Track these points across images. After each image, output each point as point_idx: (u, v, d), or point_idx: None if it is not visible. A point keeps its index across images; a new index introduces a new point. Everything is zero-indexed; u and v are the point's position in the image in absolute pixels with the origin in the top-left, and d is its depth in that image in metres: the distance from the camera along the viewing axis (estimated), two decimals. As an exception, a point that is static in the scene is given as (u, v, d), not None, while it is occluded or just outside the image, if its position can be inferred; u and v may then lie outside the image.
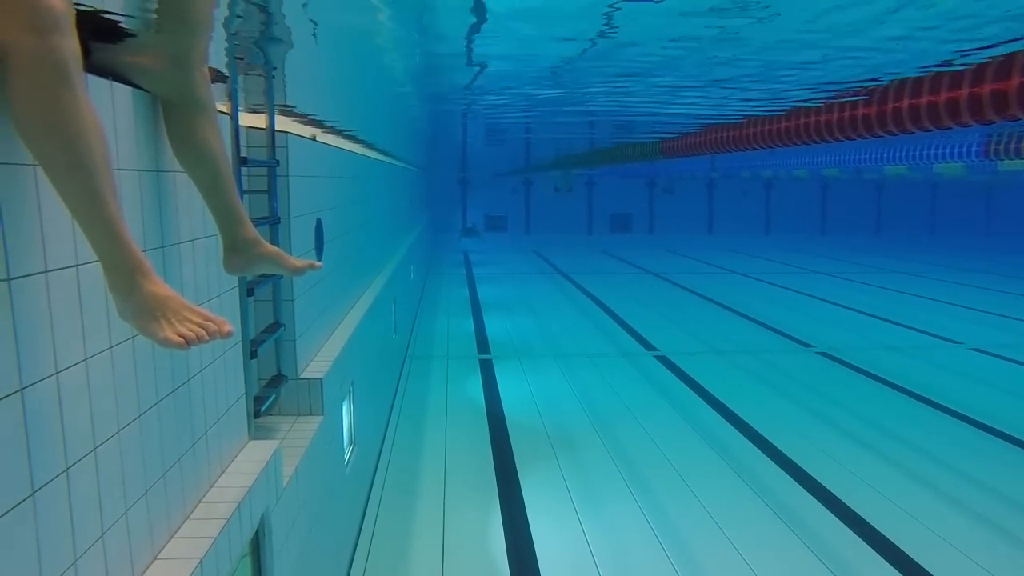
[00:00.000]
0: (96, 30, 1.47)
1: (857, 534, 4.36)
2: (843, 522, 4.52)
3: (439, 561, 4.01)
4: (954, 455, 5.69)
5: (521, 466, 5.37)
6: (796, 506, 4.74)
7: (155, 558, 1.65)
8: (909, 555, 4.10)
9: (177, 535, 1.77)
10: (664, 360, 8.69)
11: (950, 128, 4.75)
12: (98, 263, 1.26)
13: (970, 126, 4.68)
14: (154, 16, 1.66)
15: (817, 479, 5.17)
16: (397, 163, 10.14)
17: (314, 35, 3.18)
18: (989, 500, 4.89)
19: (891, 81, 5.12)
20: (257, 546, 2.24)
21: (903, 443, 5.94)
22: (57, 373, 1.26)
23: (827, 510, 4.69)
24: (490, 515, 4.58)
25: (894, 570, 3.95)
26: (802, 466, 5.40)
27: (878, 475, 5.26)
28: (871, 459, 5.59)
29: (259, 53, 2.91)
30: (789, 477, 5.22)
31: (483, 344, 9.58)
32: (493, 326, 10.70)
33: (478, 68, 5.12)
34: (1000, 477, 5.27)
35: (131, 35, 1.59)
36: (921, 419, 6.63)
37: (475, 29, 3.74)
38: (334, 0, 2.94)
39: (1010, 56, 3.99)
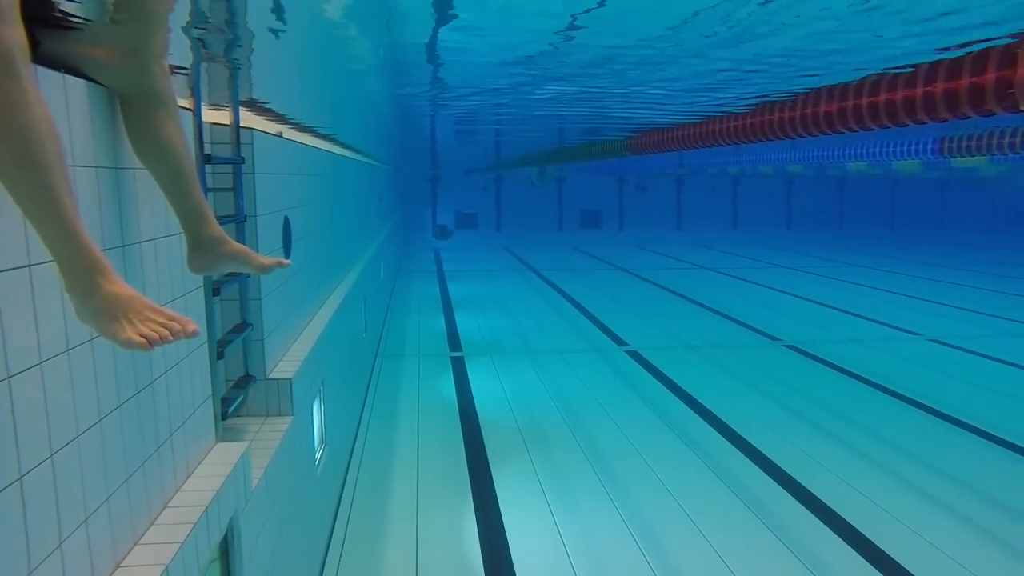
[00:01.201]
0: (44, 19, 1.41)
1: (825, 523, 4.46)
2: (811, 511, 4.61)
3: (413, 559, 3.99)
4: (915, 444, 5.85)
5: (494, 463, 5.37)
6: (765, 497, 4.82)
7: (118, 566, 1.60)
8: (877, 544, 4.20)
9: (142, 541, 1.72)
10: (635, 355, 8.77)
11: (906, 125, 4.87)
12: (53, 263, 1.21)
13: (925, 123, 4.81)
14: (110, 5, 1.60)
15: (785, 470, 5.27)
16: (366, 160, 10.04)
17: (278, 27, 3.12)
18: (950, 487, 5.04)
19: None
20: (226, 550, 2.20)
21: (868, 433, 6.09)
22: (9, 378, 1.21)
23: (795, 500, 4.78)
24: (463, 513, 4.57)
25: (862, 559, 4.04)
26: (770, 457, 5.50)
27: (845, 465, 5.38)
28: (837, 449, 5.72)
29: (222, 45, 2.84)
30: (758, 469, 5.31)
31: (455, 342, 9.55)
32: (465, 323, 10.67)
33: (443, 55, 5.07)
34: (960, 465, 5.44)
35: (83, 24, 1.53)
36: (884, 409, 6.80)
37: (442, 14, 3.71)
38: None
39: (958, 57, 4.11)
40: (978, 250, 21.91)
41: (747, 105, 6.42)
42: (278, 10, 2.78)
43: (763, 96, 5.90)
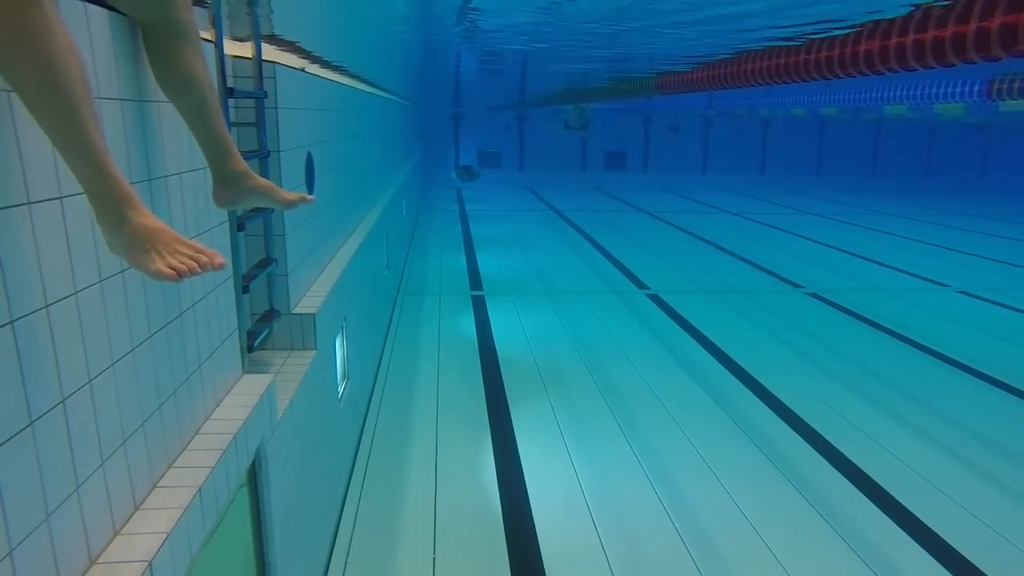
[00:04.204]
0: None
1: (839, 470, 4.52)
2: (825, 458, 4.67)
3: (432, 492, 4.14)
4: (937, 396, 5.84)
5: (512, 401, 5.49)
6: (782, 444, 4.89)
7: (155, 486, 1.69)
8: (891, 493, 4.26)
9: (175, 465, 1.81)
10: (655, 298, 8.77)
11: (954, 65, 4.64)
12: (83, 195, 1.23)
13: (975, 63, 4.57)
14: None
15: (803, 418, 5.31)
16: (389, 96, 9.88)
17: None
18: (971, 441, 5.05)
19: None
20: (254, 476, 2.30)
21: (888, 384, 6.09)
22: (47, 306, 1.26)
23: (809, 446, 4.84)
24: (482, 448, 4.71)
25: (875, 507, 4.11)
26: (788, 405, 5.54)
27: (863, 415, 5.41)
28: (856, 398, 5.74)
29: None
30: (776, 416, 5.36)
31: (476, 280, 9.61)
32: (486, 263, 10.70)
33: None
34: (982, 419, 5.43)
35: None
36: (904, 359, 6.77)
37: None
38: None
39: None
40: (1020, 199, 21.17)
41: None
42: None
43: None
